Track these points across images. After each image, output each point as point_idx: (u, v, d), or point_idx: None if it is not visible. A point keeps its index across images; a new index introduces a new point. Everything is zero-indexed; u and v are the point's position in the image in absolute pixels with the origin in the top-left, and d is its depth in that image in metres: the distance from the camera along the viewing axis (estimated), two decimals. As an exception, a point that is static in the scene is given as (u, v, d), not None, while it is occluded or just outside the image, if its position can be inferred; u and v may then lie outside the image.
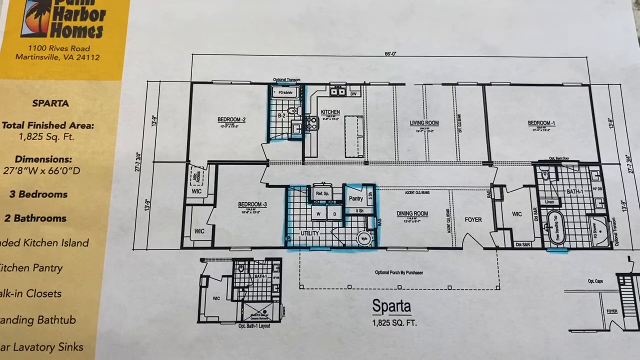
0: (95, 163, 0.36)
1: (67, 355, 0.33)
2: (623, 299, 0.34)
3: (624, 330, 0.34)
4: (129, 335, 0.33)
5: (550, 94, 0.38)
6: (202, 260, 0.35)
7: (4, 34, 0.39)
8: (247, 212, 0.36)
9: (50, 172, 0.36)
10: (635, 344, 0.34)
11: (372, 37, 0.39)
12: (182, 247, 0.35)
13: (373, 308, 0.34)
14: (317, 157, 0.37)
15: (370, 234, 0.35)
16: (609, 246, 0.35)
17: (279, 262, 0.35)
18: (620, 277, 0.35)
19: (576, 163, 0.37)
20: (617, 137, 0.37)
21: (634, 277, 0.35)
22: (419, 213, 0.36)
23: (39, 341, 0.33)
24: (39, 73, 0.38)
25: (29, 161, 0.36)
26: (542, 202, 0.36)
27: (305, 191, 0.36)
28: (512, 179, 0.36)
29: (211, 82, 0.38)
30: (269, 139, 0.37)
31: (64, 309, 0.34)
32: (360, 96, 0.38)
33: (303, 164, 0.37)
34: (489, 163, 0.37)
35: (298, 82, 0.38)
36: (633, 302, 0.34)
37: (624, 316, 0.34)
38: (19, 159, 0.36)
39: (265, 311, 0.34)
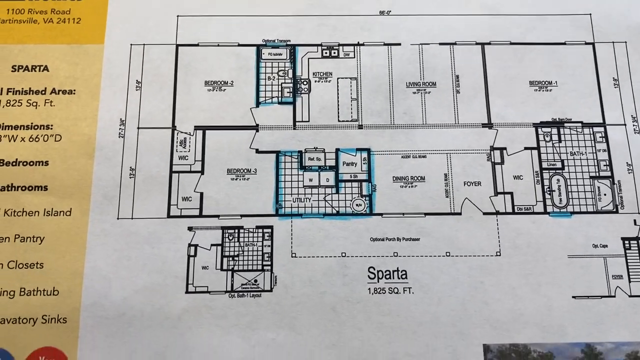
0: (77, 130, 0.35)
1: (50, 328, 0.32)
2: (629, 264, 0.33)
3: (629, 296, 0.33)
4: (114, 306, 0.32)
5: (552, 53, 0.36)
6: (189, 228, 0.33)
7: (-20, -2, 0.37)
8: (236, 179, 0.34)
9: (31, 139, 0.35)
10: (641, 310, 0.32)
11: (366, -5, 0.37)
12: (168, 216, 0.33)
13: (368, 276, 0.33)
14: (308, 121, 0.35)
15: (365, 200, 0.34)
16: (614, 210, 0.34)
17: (270, 230, 0.33)
18: (626, 242, 0.33)
19: (579, 124, 0.35)
20: (623, 97, 0.36)
21: (641, 242, 0.33)
22: (415, 178, 0.34)
23: (21, 314, 0.32)
24: (18, 37, 0.36)
25: (9, 129, 0.35)
26: (544, 165, 0.35)
27: (296, 157, 0.35)
28: (513, 142, 0.35)
29: (197, 45, 0.36)
30: (258, 103, 0.35)
31: (47, 281, 0.32)
32: (354, 57, 0.36)
33: (294, 129, 0.35)
34: (489, 125, 0.35)
35: (288, 43, 0.36)
36: (639, 267, 0.33)
37: (629, 282, 0.33)
38: (-3, 126, 0.35)
39: (256, 280, 0.33)
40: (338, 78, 0.36)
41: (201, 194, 0.34)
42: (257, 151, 0.35)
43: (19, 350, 0.31)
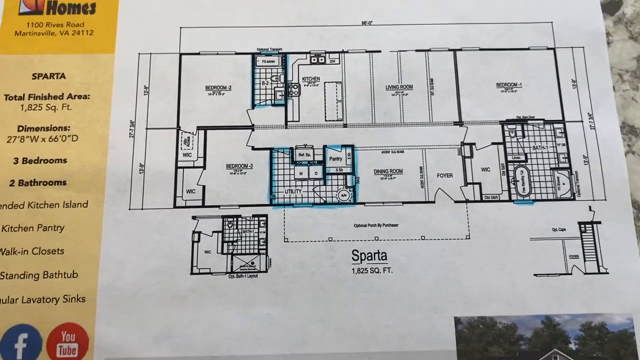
0: (92, 131, 0.39)
1: (71, 306, 0.36)
2: (584, 245, 0.37)
3: (584, 274, 0.37)
4: (127, 287, 0.36)
5: (517, 58, 0.40)
6: (193, 217, 0.37)
7: (3, 13, 0.41)
8: (234, 173, 0.38)
9: (51, 140, 0.39)
10: (595, 286, 0.36)
11: (350, 7, 0.41)
12: (175, 207, 0.37)
13: (352, 258, 0.37)
14: (299, 121, 0.39)
15: (350, 190, 0.38)
16: (572, 197, 0.38)
17: (265, 218, 0.37)
18: (582, 225, 0.37)
19: (541, 121, 0.39)
20: (580, 96, 0.40)
21: (594, 225, 0.37)
22: (394, 171, 0.38)
23: (44, 294, 0.36)
24: (37, 48, 0.40)
25: (30, 130, 0.39)
26: (510, 158, 0.39)
27: (288, 153, 0.39)
28: (482, 137, 0.39)
29: (199, 53, 0.40)
30: (253, 105, 0.40)
31: (67, 265, 0.36)
32: (339, 63, 0.40)
33: (286, 128, 0.39)
34: (460, 123, 0.39)
35: (280, 51, 0.40)
36: (593, 248, 0.37)
37: (584, 261, 0.37)
38: (20, 128, 0.39)
39: (253, 263, 0.37)
40: (325, 82, 0.40)
41: (203, 186, 0.38)
42: (253, 148, 0.39)
43: (43, 326, 0.35)
